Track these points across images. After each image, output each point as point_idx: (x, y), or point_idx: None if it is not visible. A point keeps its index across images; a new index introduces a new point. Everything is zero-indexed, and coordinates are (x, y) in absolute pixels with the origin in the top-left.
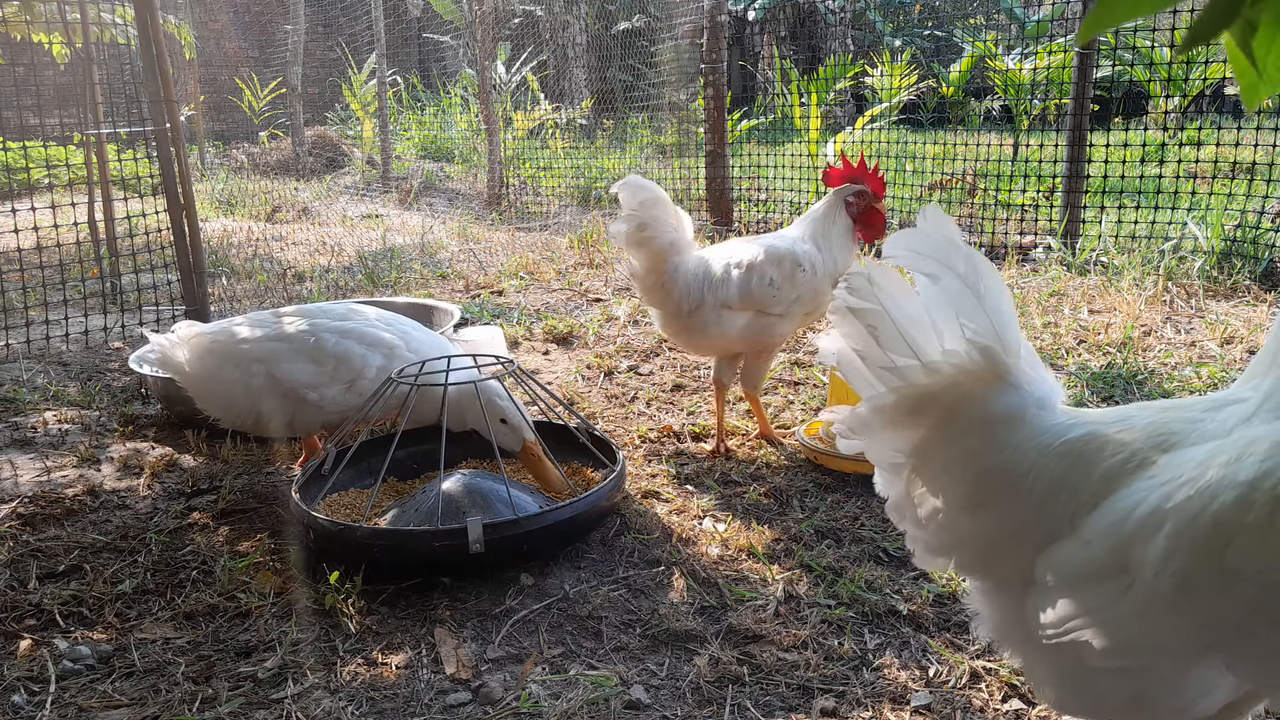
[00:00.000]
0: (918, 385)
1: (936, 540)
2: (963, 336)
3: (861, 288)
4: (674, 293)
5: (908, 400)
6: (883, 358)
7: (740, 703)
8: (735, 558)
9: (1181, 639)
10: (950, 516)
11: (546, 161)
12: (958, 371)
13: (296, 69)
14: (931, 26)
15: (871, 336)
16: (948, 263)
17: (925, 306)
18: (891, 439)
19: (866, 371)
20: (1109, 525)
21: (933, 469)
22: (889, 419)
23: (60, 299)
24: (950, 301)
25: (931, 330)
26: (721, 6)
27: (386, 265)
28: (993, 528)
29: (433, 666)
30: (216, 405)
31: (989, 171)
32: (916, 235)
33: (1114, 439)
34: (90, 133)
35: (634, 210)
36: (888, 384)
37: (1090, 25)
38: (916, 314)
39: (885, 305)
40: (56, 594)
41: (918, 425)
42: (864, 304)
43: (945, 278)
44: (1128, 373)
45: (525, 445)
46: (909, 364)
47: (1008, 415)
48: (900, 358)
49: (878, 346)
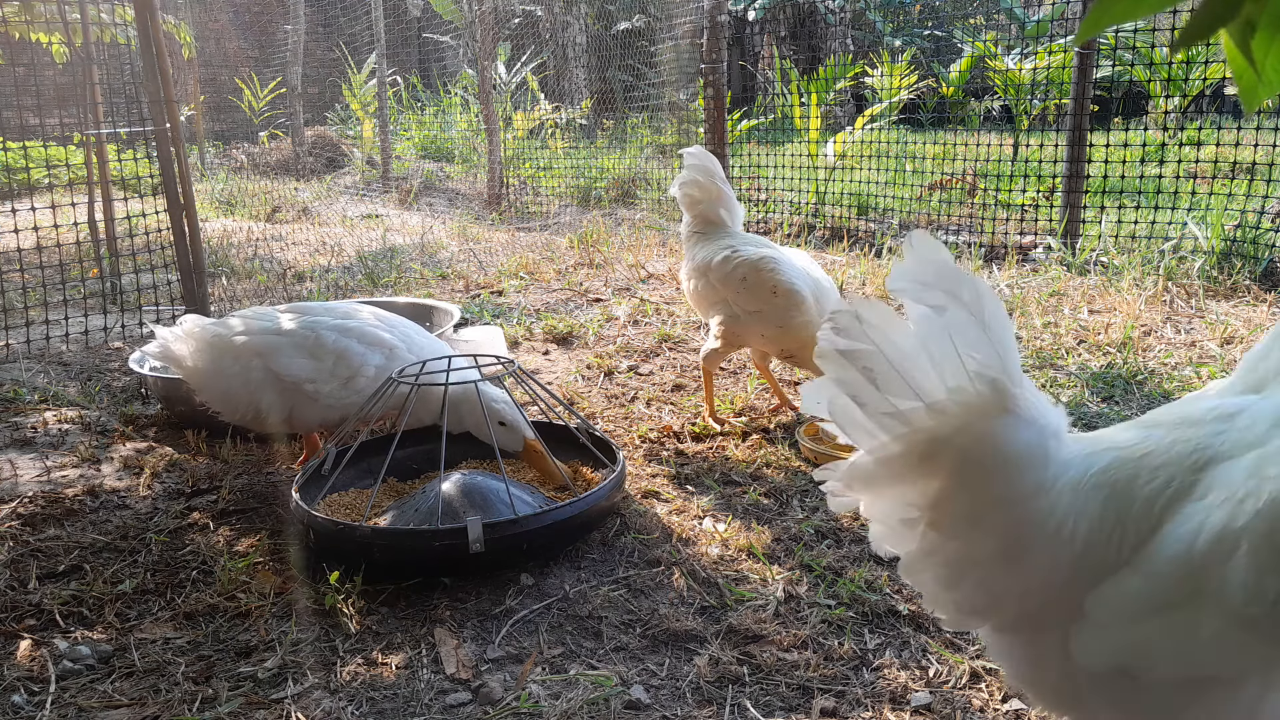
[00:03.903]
0: (925, 429)
1: (971, 601)
2: (965, 370)
3: (850, 327)
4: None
5: (917, 447)
6: (883, 402)
7: (740, 703)
8: (735, 558)
9: (1264, 658)
10: (986, 572)
11: (546, 161)
12: (965, 409)
13: (296, 69)
14: (931, 26)
15: (868, 380)
16: (954, 292)
17: (921, 341)
18: (901, 492)
19: (866, 420)
20: (1175, 555)
21: (956, 522)
22: (897, 471)
23: (60, 299)
24: (951, 333)
25: (931, 367)
26: (721, 6)
27: (386, 265)
28: (1037, 577)
29: (433, 666)
30: (216, 398)
31: (989, 171)
32: (919, 265)
33: (1143, 465)
34: (90, 133)
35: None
36: (892, 432)
37: (1089, 25)
38: (912, 350)
39: (879, 344)
40: (56, 594)
41: (932, 474)
42: (855, 345)
43: (952, 308)
44: (1128, 373)
45: (527, 443)
46: (912, 406)
47: (1029, 453)
48: (902, 400)
49: (876, 390)
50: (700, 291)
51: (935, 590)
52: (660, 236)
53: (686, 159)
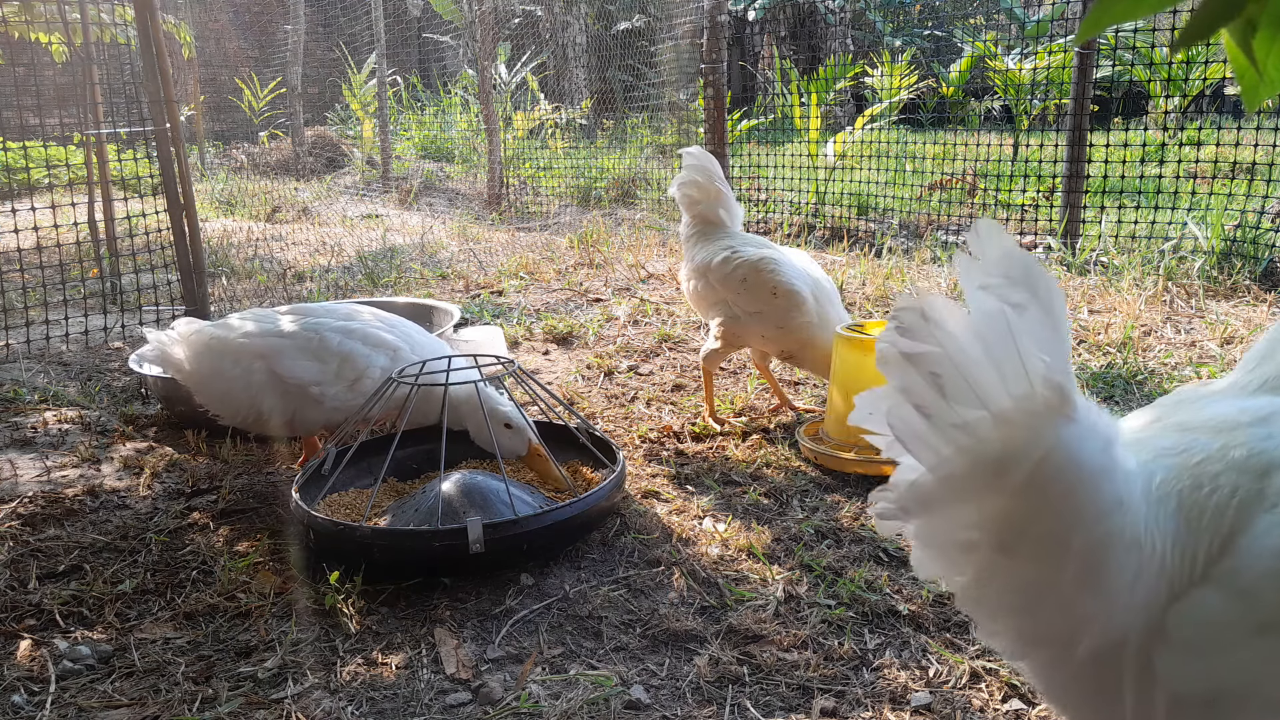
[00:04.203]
0: (994, 442)
1: (1050, 627)
2: (1031, 374)
3: (915, 326)
4: None
5: (985, 463)
6: (950, 412)
7: (740, 703)
8: (735, 558)
9: None
10: (1067, 595)
11: (546, 161)
12: (1033, 418)
13: (296, 69)
14: (931, 26)
15: (934, 387)
16: (1035, 288)
17: (987, 341)
18: (963, 513)
19: (931, 434)
20: (1269, 570)
21: (1032, 544)
22: (960, 490)
23: (60, 299)
24: (1025, 333)
25: (994, 370)
26: (721, 6)
27: (386, 265)
28: (1120, 599)
29: (433, 666)
30: (216, 402)
31: (989, 171)
32: (1008, 259)
33: (1202, 472)
34: (90, 133)
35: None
36: (958, 445)
37: (1089, 25)
38: (976, 352)
39: (946, 346)
40: (56, 594)
41: (1000, 492)
42: (922, 347)
43: (1031, 306)
44: (1128, 373)
45: (531, 448)
46: (978, 416)
47: (1103, 465)
48: (968, 410)
49: (943, 399)
50: (700, 292)
51: (1000, 620)
52: (660, 236)
53: (685, 159)
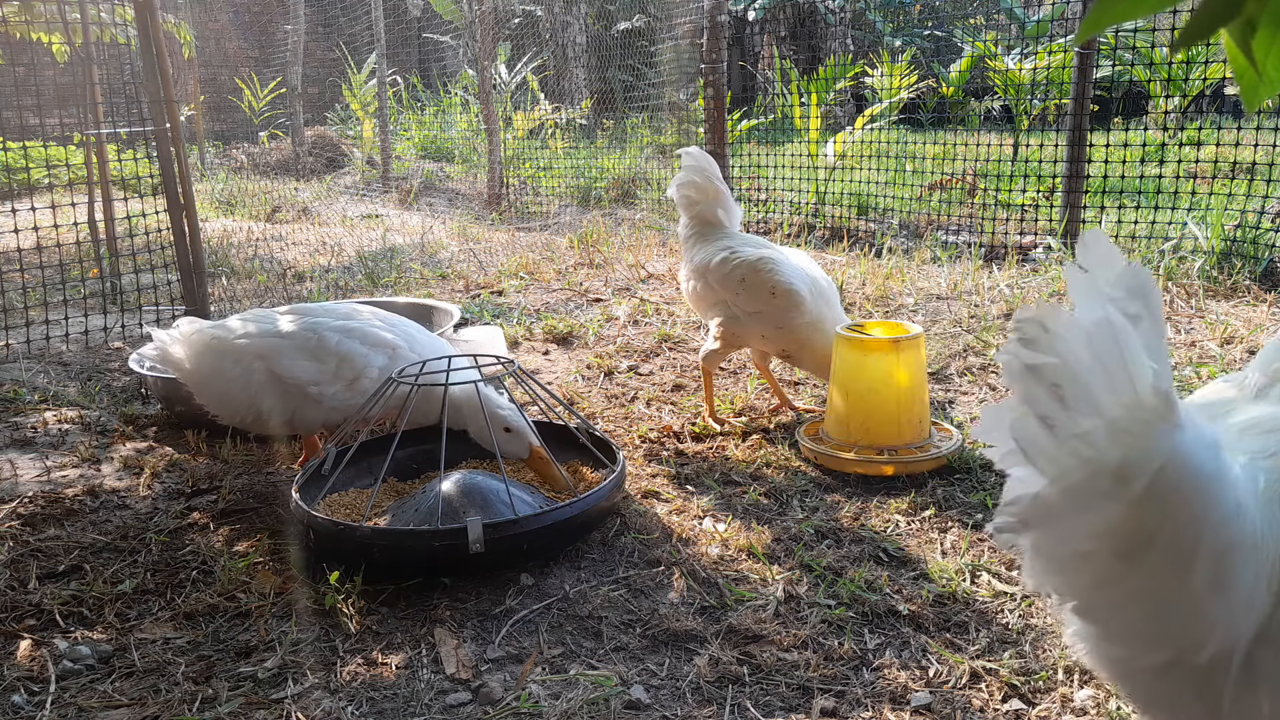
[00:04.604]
0: (1112, 451)
1: (1176, 633)
2: (1137, 381)
3: (1038, 337)
4: None
5: (1104, 472)
6: (1071, 423)
7: (740, 703)
8: (735, 558)
9: None
10: (1196, 601)
11: (546, 161)
12: (1145, 426)
13: (296, 69)
14: (931, 26)
15: (1056, 399)
16: (1148, 300)
17: (1099, 350)
18: (1083, 523)
19: (1053, 445)
20: None
21: (1153, 552)
22: (1081, 500)
23: (60, 299)
24: (1133, 342)
25: (1105, 378)
26: (721, 6)
27: (386, 265)
28: (1242, 602)
29: (433, 666)
30: (216, 401)
31: (989, 171)
32: (1128, 273)
33: None
34: (90, 133)
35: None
36: (1080, 456)
37: (1090, 24)
38: (1092, 362)
39: (1065, 357)
40: (56, 594)
41: (1119, 500)
42: (1044, 359)
43: (1145, 318)
44: None
45: (533, 450)
46: (1094, 426)
47: (1216, 470)
48: (1086, 419)
49: (1064, 410)
50: (699, 292)
51: (1121, 623)
52: (660, 236)
53: (684, 160)
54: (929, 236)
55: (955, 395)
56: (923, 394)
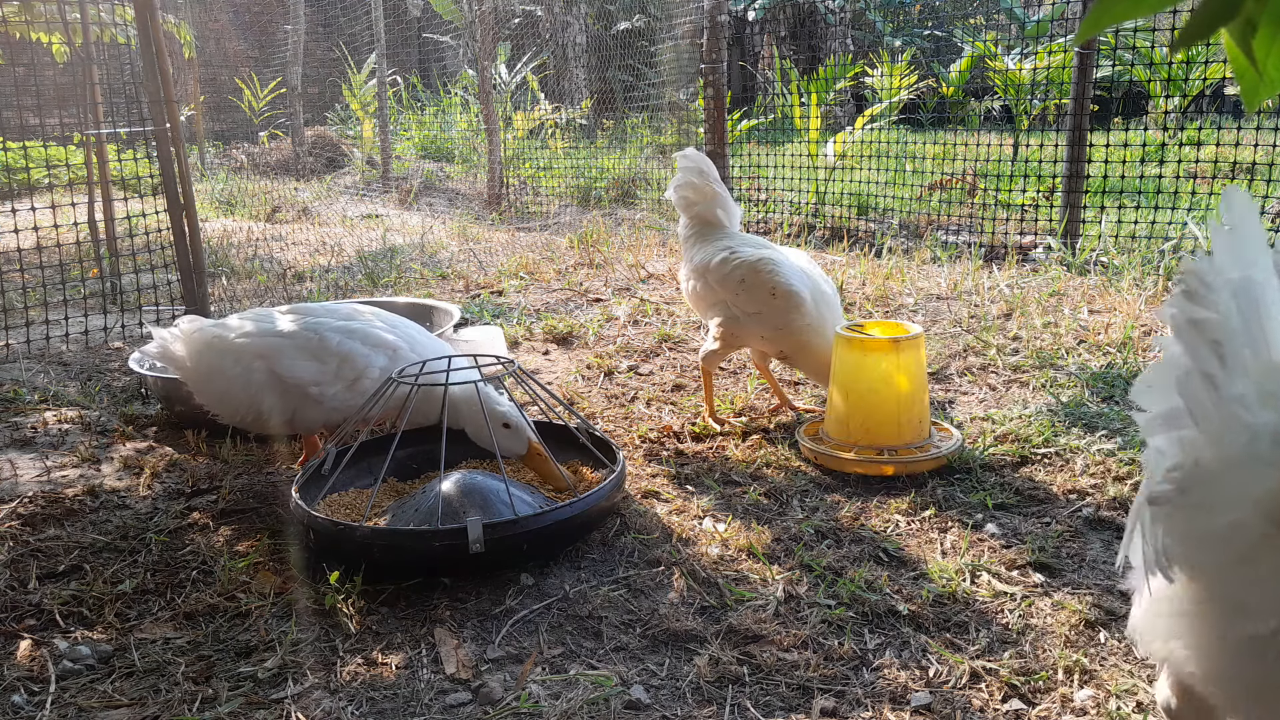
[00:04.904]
0: (1266, 415)
1: None
2: (1269, 347)
3: (1199, 291)
4: None
5: (1263, 437)
6: (1230, 383)
7: (740, 703)
8: (735, 558)
9: None
10: None
11: (546, 161)
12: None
13: (296, 69)
14: (931, 26)
15: (1216, 356)
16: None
17: (1247, 313)
18: (1241, 489)
19: (1215, 407)
20: None
21: None
22: (1241, 466)
23: (60, 299)
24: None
25: (1248, 340)
26: (721, 6)
27: (386, 265)
28: None
29: (433, 666)
30: (216, 401)
31: (989, 171)
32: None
33: None
34: (90, 133)
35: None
36: (1240, 420)
37: (1090, 24)
38: (1239, 325)
39: (1224, 313)
40: (56, 594)
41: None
42: (1205, 313)
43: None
44: (1128, 373)
45: (531, 447)
46: (1246, 390)
47: None
48: (1239, 382)
49: (1224, 370)
50: (699, 293)
51: (1271, 597)
52: (660, 236)
53: (681, 162)
54: (929, 236)
55: (955, 395)
56: (923, 394)
